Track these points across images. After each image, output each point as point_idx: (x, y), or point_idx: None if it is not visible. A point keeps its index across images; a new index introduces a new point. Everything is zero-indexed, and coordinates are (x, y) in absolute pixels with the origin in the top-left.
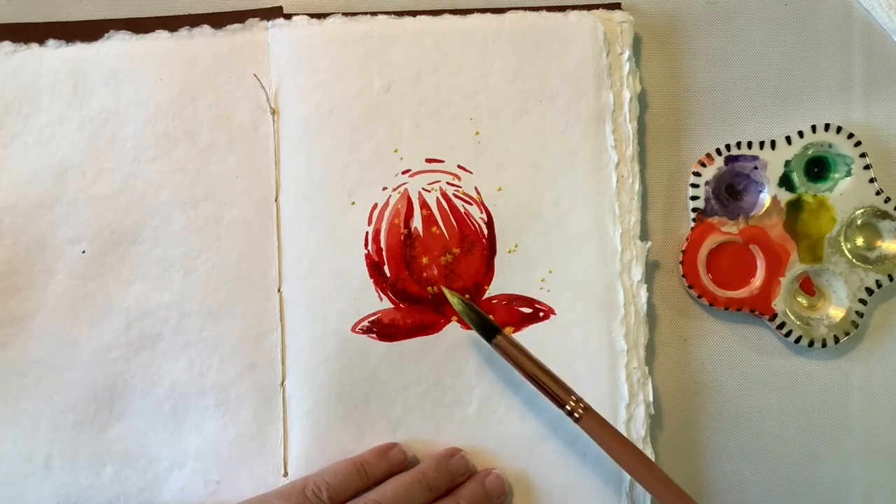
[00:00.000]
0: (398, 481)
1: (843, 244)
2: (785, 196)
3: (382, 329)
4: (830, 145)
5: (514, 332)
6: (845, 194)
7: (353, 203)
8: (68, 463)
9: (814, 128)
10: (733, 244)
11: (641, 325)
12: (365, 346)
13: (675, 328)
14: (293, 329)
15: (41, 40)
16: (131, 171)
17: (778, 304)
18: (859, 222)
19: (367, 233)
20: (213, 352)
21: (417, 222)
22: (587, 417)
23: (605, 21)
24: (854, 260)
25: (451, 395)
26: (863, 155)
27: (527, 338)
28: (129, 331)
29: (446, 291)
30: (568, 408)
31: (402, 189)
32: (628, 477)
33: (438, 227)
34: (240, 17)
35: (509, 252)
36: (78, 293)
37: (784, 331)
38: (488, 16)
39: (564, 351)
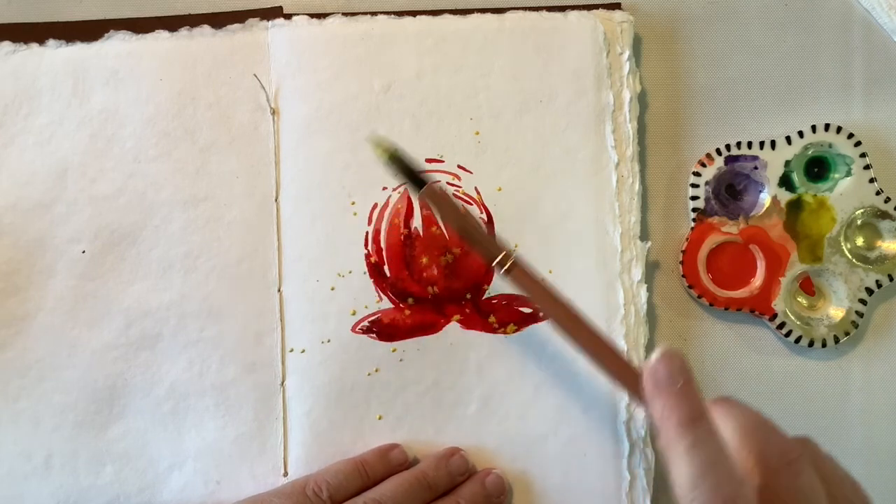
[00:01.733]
0: (398, 480)
1: (843, 244)
2: (785, 196)
3: (382, 329)
4: (830, 145)
5: (516, 331)
6: (845, 194)
7: (353, 203)
8: (68, 463)
9: (814, 128)
10: (733, 244)
11: (641, 325)
12: (365, 346)
13: (675, 328)
14: (293, 329)
15: (41, 40)
16: (131, 171)
17: (778, 304)
18: (859, 222)
19: (367, 233)
20: (213, 352)
21: (417, 222)
22: (515, 270)
23: (605, 21)
24: (854, 260)
25: (451, 395)
26: (863, 155)
27: (527, 338)
28: (129, 331)
29: (370, 139)
30: (497, 261)
31: (402, 189)
32: (628, 476)
33: (438, 227)
34: (240, 17)
35: None
36: (78, 293)
37: (784, 331)
38: (488, 16)
39: (564, 351)
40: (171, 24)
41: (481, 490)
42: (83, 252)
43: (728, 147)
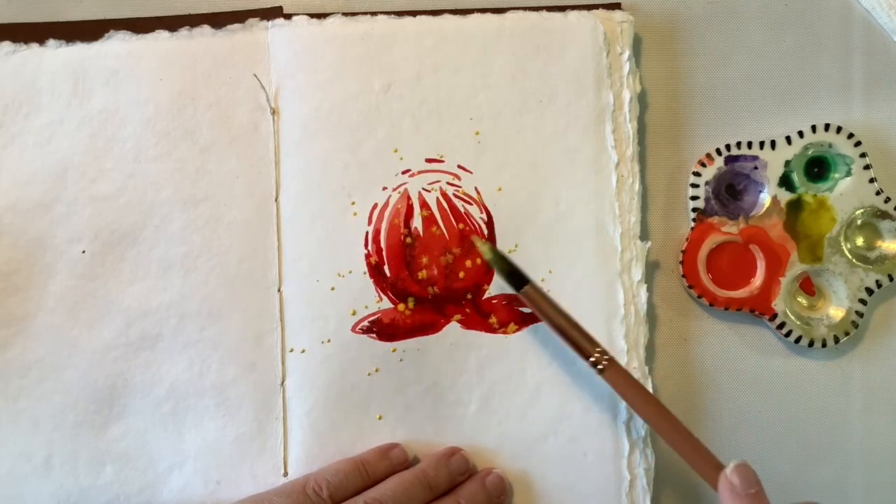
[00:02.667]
0: (398, 480)
1: (843, 244)
2: (785, 196)
3: (382, 329)
4: (830, 145)
5: (516, 331)
6: (845, 194)
7: (353, 203)
8: (68, 463)
9: (814, 128)
10: (733, 244)
11: (641, 325)
12: (365, 346)
13: (675, 328)
14: (293, 329)
15: (41, 40)
16: (131, 171)
17: (778, 304)
18: (859, 222)
19: (367, 233)
20: (213, 352)
21: (417, 222)
22: (610, 370)
23: (605, 21)
24: (854, 260)
25: (451, 395)
26: (863, 155)
27: (527, 338)
28: (129, 331)
29: (475, 240)
30: (592, 359)
31: (402, 189)
32: (628, 476)
33: (438, 227)
34: (240, 17)
35: (509, 252)
36: (78, 293)
37: (784, 331)
38: (488, 16)
39: (564, 351)
40: (171, 24)
41: (482, 490)
42: (83, 252)
43: (728, 147)
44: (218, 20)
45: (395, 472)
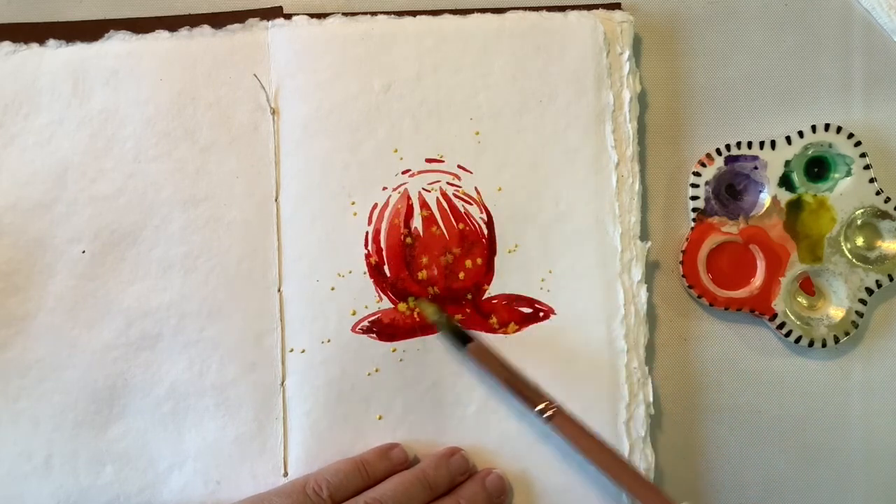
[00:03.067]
0: (398, 480)
1: (843, 244)
2: (785, 196)
3: (382, 329)
4: (830, 145)
5: (516, 331)
6: (845, 194)
7: (353, 203)
8: (68, 463)
9: (814, 128)
10: (733, 244)
11: (641, 325)
12: (365, 346)
13: (675, 328)
14: (293, 329)
15: (41, 40)
16: (131, 171)
17: (778, 304)
18: (859, 222)
19: (367, 233)
20: (213, 352)
21: (417, 222)
22: (558, 418)
23: (605, 21)
24: (854, 260)
25: (451, 395)
26: (863, 155)
27: (527, 338)
28: (129, 331)
29: (420, 302)
30: (539, 409)
31: (402, 189)
32: None
33: (438, 227)
34: (240, 17)
35: (509, 252)
36: (78, 293)
37: (784, 331)
38: (488, 16)
39: (564, 351)
40: (171, 24)
41: (482, 490)
42: (83, 252)
43: (728, 147)
44: (218, 20)
45: (395, 472)
